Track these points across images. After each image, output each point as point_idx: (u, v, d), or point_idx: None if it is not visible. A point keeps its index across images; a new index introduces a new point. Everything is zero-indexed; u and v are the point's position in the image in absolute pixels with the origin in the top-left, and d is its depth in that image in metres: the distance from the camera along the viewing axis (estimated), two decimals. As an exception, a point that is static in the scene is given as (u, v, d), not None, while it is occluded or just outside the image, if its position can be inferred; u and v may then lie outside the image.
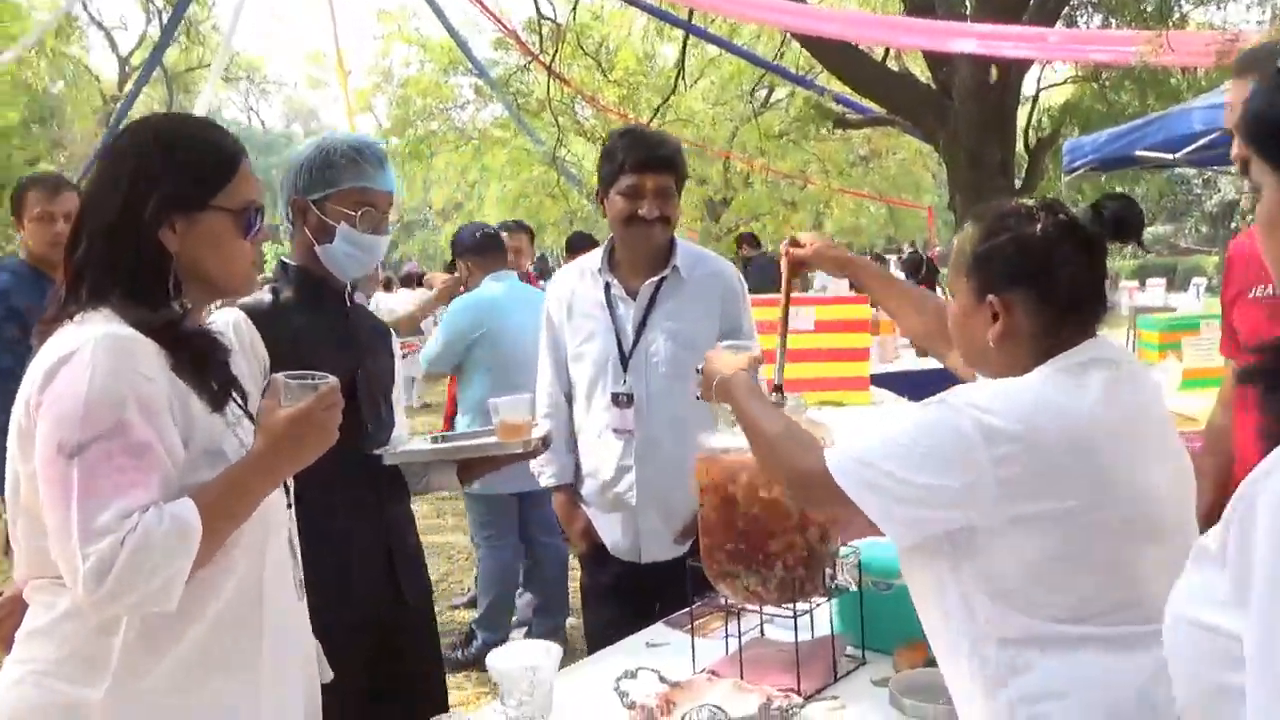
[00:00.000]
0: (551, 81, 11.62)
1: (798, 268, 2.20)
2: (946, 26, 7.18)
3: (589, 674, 2.12)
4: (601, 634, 2.53)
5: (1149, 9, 7.45)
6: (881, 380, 5.46)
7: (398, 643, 2.24)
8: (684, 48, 10.98)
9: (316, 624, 1.86)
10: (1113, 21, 7.97)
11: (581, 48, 12.37)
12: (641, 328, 2.75)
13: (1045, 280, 1.51)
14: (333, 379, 1.63)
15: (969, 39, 6.80)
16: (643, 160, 2.68)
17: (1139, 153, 5.04)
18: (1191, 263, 34.33)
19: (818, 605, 2.05)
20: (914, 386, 4.86)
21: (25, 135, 23.68)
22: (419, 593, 2.36)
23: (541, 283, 7.10)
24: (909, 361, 6.76)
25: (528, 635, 4.72)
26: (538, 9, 10.62)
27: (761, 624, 2.16)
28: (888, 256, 21.56)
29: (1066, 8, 8.38)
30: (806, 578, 1.91)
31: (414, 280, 14.55)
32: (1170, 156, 4.99)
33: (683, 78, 11.94)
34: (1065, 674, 1.40)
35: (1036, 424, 1.40)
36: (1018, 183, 8.78)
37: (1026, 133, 9.12)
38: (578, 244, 6.30)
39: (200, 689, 1.54)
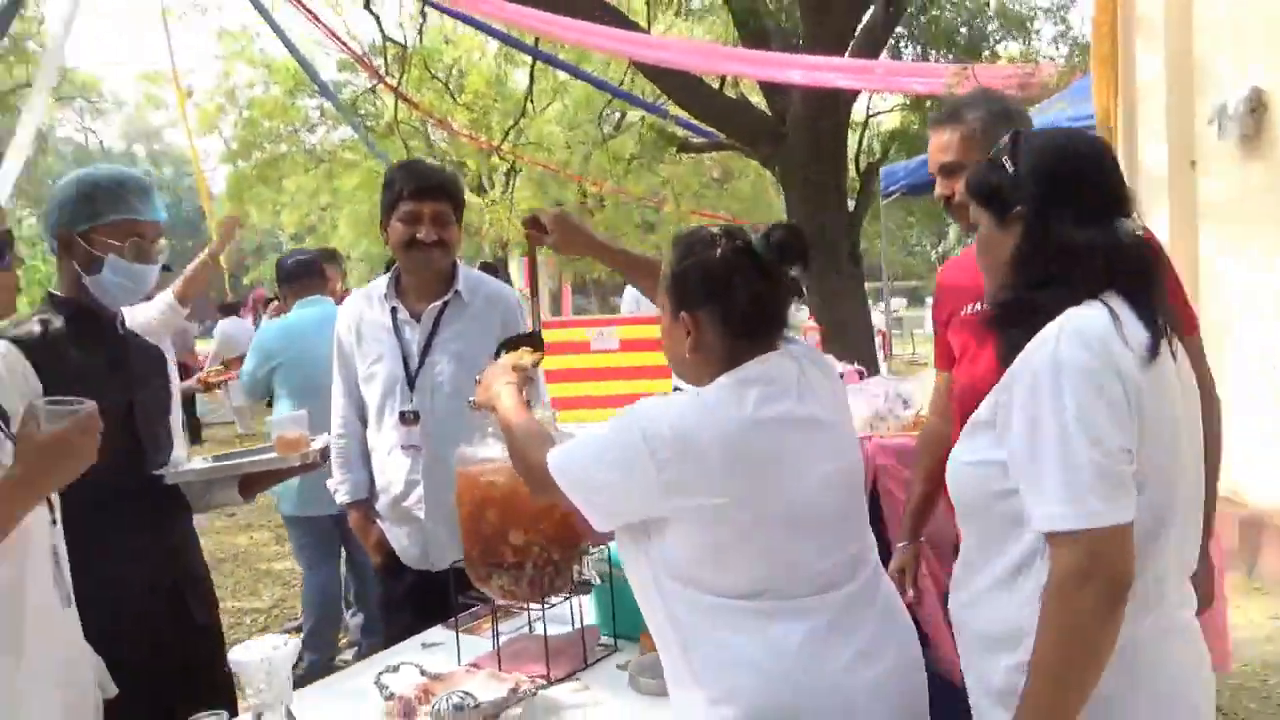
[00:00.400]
0: (399, 104, 11.57)
1: (538, 242, 2.39)
2: (777, 57, 7.50)
3: (360, 672, 2.25)
4: (401, 639, 2.60)
5: (961, 42, 7.93)
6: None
7: (186, 660, 2.25)
8: (532, 73, 11.08)
9: (100, 641, 1.93)
10: (930, 54, 8.46)
11: (429, 71, 12.37)
12: (426, 349, 2.87)
13: (725, 299, 1.69)
14: (90, 404, 1.69)
15: (796, 69, 7.12)
16: (419, 188, 2.81)
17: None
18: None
19: (563, 600, 2.22)
20: None
21: None
22: (205, 609, 2.38)
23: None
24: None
25: (357, 656, 4.70)
26: (382, 32, 10.57)
27: (530, 622, 2.28)
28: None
29: (890, 39, 8.83)
30: (555, 575, 2.09)
31: (263, 303, 14.18)
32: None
33: (531, 102, 12.06)
34: (733, 642, 1.62)
35: (690, 433, 1.59)
36: (851, 204, 9.17)
37: (858, 158, 9.55)
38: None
39: None
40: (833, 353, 7.43)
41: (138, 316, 3.14)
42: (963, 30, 8.29)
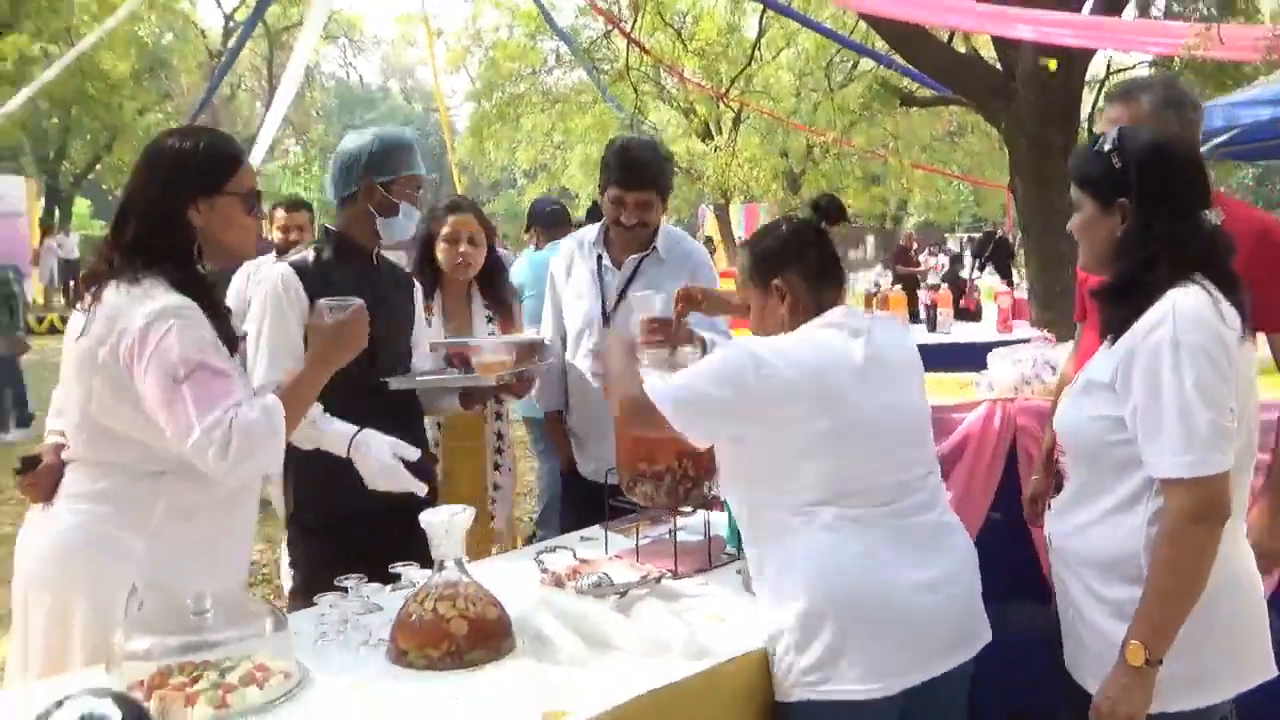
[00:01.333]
0: (631, 49, 11.91)
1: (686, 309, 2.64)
2: (1005, 11, 7.31)
3: (527, 554, 2.71)
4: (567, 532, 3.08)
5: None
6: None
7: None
8: (761, 21, 11.15)
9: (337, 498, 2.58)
10: (1179, 8, 7.99)
11: (662, 17, 12.62)
12: (621, 295, 3.28)
13: (802, 257, 2.12)
14: (359, 301, 2.33)
15: (1026, 24, 6.94)
16: (626, 178, 3.19)
17: (1165, 146, 5.21)
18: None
19: (693, 511, 2.62)
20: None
21: (135, 86, 24.79)
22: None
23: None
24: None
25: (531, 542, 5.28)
26: (619, -20, 10.89)
27: (670, 530, 2.54)
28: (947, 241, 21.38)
29: (1136, -6, 8.38)
30: (690, 488, 2.45)
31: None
32: (1193, 149, 5.15)
33: (759, 51, 12.13)
34: (801, 544, 1.96)
35: (789, 354, 1.97)
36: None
37: (1092, 118, 9.15)
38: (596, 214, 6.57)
39: (212, 544, 2.16)
40: (1039, 316, 7.34)
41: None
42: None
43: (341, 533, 2.60)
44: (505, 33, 20.23)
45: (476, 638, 1.82)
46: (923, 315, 8.26)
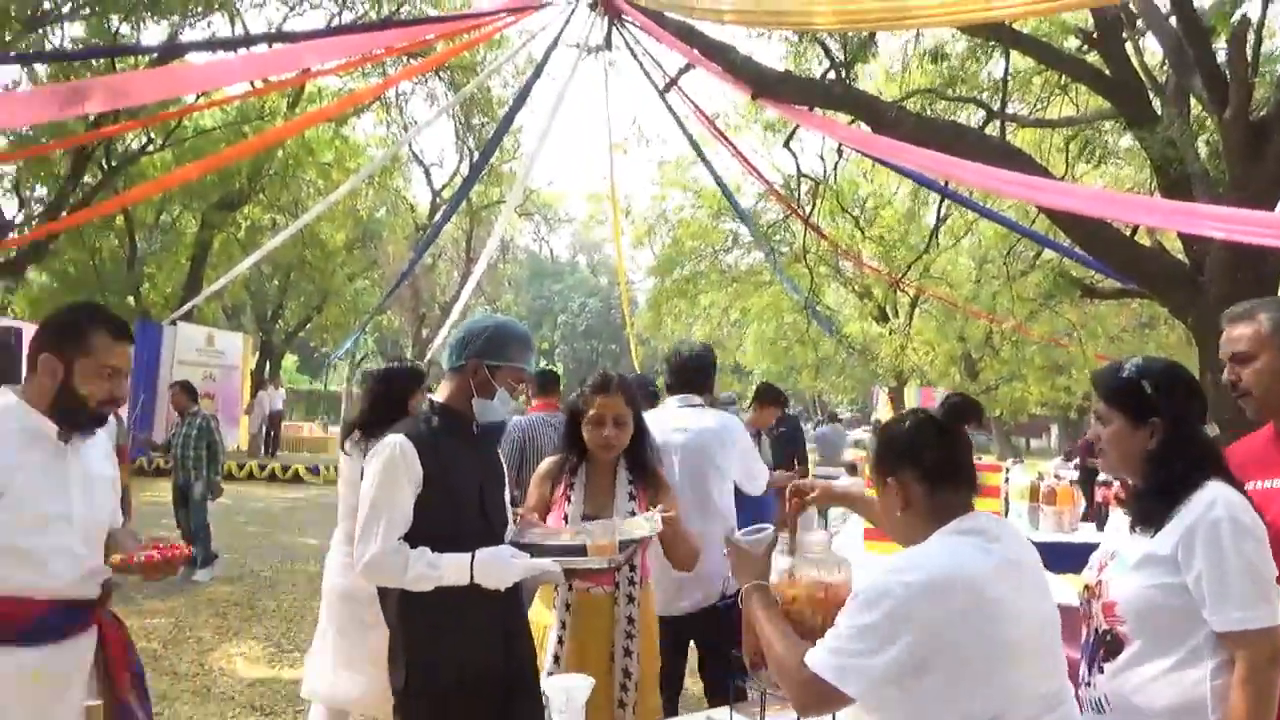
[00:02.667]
0: (807, 233, 12.23)
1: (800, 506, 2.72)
2: (1191, 208, 7.20)
3: None
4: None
5: None
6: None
7: (510, 684, 2.91)
8: (939, 210, 11.31)
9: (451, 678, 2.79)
10: (1384, 208, 7.68)
11: (840, 203, 12.94)
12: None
13: (916, 456, 2.12)
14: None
15: (1214, 222, 6.81)
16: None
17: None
18: None
19: None
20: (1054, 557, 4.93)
21: (347, 255, 26.98)
22: (527, 656, 3.03)
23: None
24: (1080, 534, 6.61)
25: None
26: (798, 167, 11.32)
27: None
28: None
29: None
30: None
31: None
32: None
33: (936, 238, 12.25)
34: None
35: (940, 577, 1.94)
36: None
37: (1291, 313, 8.75)
38: (546, 384, 6.43)
39: None
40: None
41: None
42: None
43: (454, 699, 2.76)
44: (689, 212, 21.16)
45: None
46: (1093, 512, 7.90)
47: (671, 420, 4.22)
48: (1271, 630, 2.12)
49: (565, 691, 1.86)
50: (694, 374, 4.46)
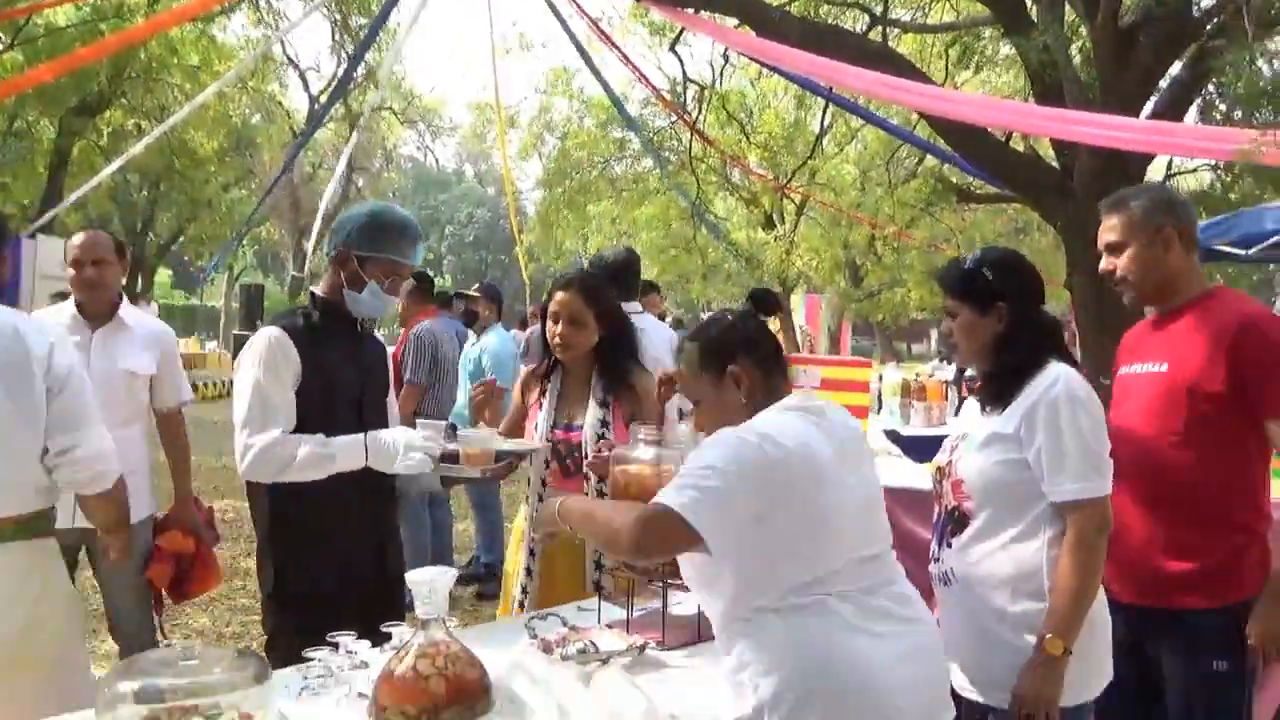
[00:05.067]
0: (694, 140, 12.16)
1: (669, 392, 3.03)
2: (1064, 114, 7.35)
3: (520, 620, 2.74)
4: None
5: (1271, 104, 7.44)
6: (901, 440, 5.69)
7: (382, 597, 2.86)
8: (824, 116, 11.33)
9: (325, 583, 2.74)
10: (1238, 114, 7.95)
11: (727, 110, 12.87)
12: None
13: (752, 345, 2.20)
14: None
15: (1086, 128, 6.97)
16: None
17: (1217, 246, 5.14)
18: None
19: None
20: (920, 449, 5.11)
21: (220, 164, 25.82)
22: (398, 562, 3.00)
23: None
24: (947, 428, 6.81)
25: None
26: (684, 73, 11.18)
27: (664, 603, 2.55)
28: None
29: (1200, 99, 8.40)
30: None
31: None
32: (1243, 252, 5.08)
33: (822, 145, 12.29)
34: (777, 632, 1.95)
35: (785, 443, 2.00)
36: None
37: (1151, 218, 9.09)
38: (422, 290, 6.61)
39: None
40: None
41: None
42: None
43: (326, 603, 2.66)
44: (576, 122, 20.80)
45: (454, 697, 1.81)
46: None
47: None
48: (1101, 500, 2.32)
49: (428, 583, 1.82)
50: (625, 278, 4.39)
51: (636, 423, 2.57)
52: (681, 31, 10.55)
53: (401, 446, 2.74)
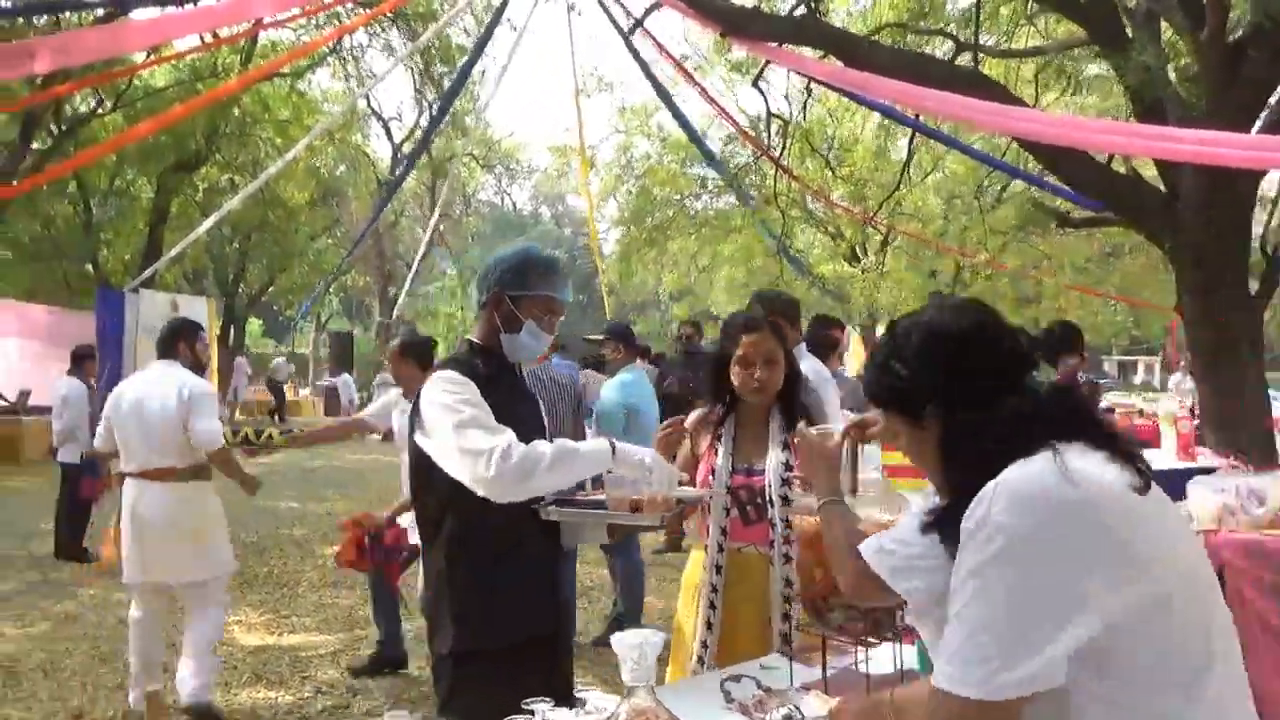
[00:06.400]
0: (778, 175, 12.11)
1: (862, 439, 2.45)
2: (1167, 133, 7.17)
3: (708, 679, 2.57)
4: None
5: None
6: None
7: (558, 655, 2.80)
8: (910, 145, 11.22)
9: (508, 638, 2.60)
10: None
11: (810, 144, 12.81)
12: None
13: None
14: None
15: (1189, 145, 6.79)
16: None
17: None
18: None
19: (885, 641, 2.36)
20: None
21: (309, 214, 26.54)
22: (572, 622, 2.87)
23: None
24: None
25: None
26: (767, 108, 11.17)
27: (855, 660, 2.42)
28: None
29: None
30: (882, 617, 2.30)
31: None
32: None
33: (909, 173, 12.16)
34: None
35: None
36: (1254, 285, 8.49)
37: (1264, 237, 8.80)
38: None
39: None
40: (1216, 443, 6.90)
41: None
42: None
43: (508, 660, 2.57)
44: (655, 159, 20.90)
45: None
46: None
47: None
48: (970, 705, 1.37)
49: (638, 648, 1.72)
50: (794, 316, 4.71)
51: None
52: (765, 65, 10.55)
53: (649, 458, 2.67)
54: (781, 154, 12.16)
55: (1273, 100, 7.41)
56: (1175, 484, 5.07)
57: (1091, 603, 1.32)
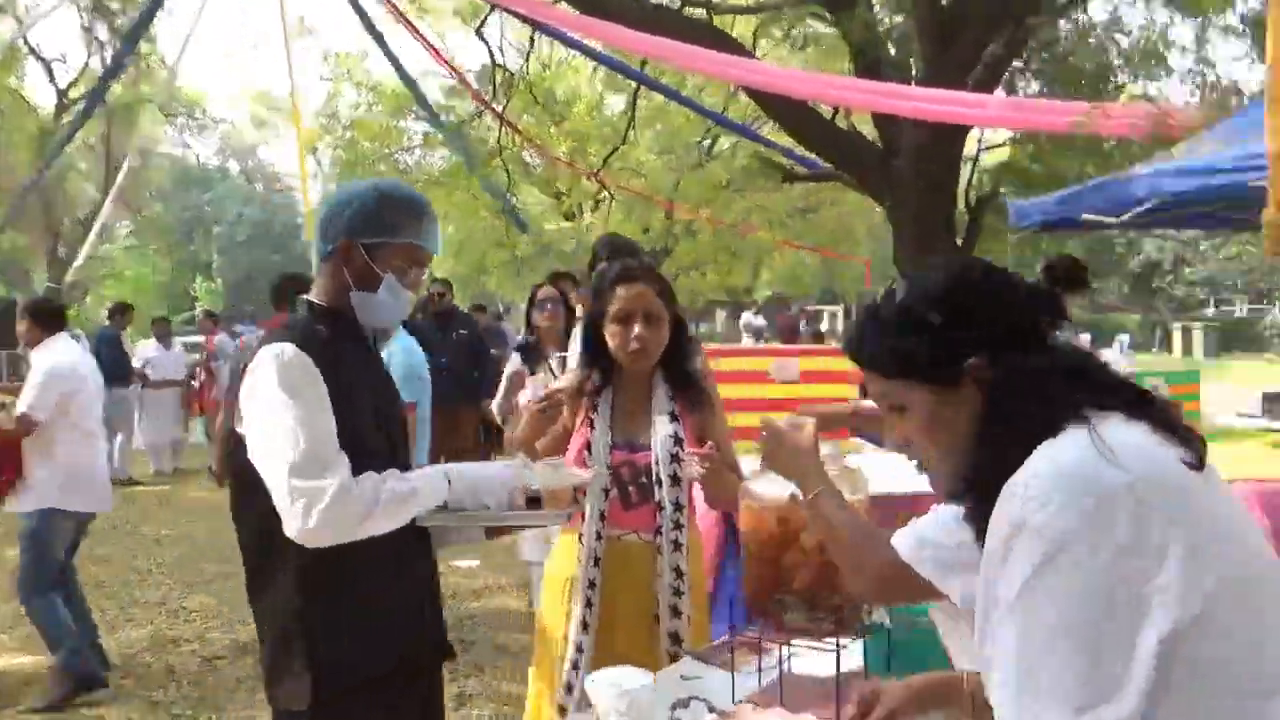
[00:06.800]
0: (503, 130, 11.75)
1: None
2: (894, 89, 7.47)
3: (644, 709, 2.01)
4: None
5: (1084, 81, 7.80)
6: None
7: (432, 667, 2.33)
8: (634, 99, 11.18)
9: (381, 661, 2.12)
10: (1045, 89, 8.34)
11: (534, 97, 12.52)
12: None
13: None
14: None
15: (916, 102, 7.08)
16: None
17: (1085, 215, 5.29)
18: (1115, 320, 35.66)
19: (852, 641, 2.07)
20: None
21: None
22: (439, 630, 2.35)
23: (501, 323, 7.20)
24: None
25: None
26: (492, 58, 10.76)
27: (782, 660, 2.12)
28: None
29: (1006, 74, 8.73)
30: (846, 612, 2.00)
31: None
32: (1114, 219, 5.27)
33: (633, 128, 12.15)
34: None
35: None
36: (959, 239, 9.07)
37: (967, 192, 9.46)
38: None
39: None
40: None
41: None
42: (1087, 66, 8.18)
43: (382, 685, 2.10)
44: (364, 111, 19.78)
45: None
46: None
47: None
48: None
49: (627, 697, 1.38)
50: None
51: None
52: (491, 11, 10.13)
53: (497, 483, 2.18)
54: (505, 107, 11.79)
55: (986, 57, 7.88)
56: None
57: (1161, 608, 1.08)
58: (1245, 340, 33.86)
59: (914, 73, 8.47)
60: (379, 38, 10.78)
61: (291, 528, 1.94)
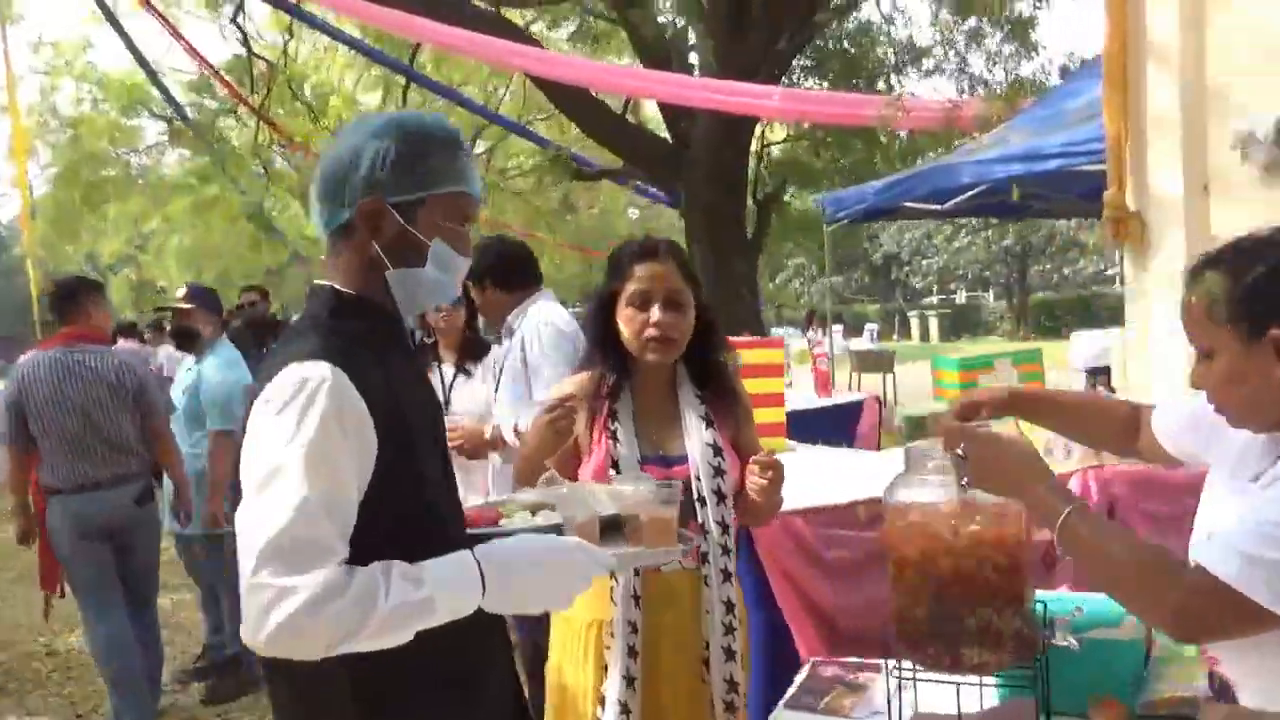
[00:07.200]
0: (261, 127, 10.96)
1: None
2: (700, 82, 7.44)
3: None
4: None
5: (860, 79, 8.07)
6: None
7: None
8: (405, 93, 10.70)
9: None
10: (823, 85, 8.57)
11: (292, 90, 11.76)
12: None
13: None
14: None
15: (718, 94, 7.06)
16: None
17: (907, 204, 5.38)
18: (857, 309, 37.90)
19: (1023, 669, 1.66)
20: (808, 428, 4.68)
21: None
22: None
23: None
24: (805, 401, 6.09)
25: None
26: (248, 48, 9.97)
27: (888, 696, 1.71)
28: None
29: (788, 71, 8.92)
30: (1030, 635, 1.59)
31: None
32: (937, 207, 5.39)
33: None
34: None
35: None
36: (749, 232, 9.19)
37: (755, 187, 9.61)
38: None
39: None
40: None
41: None
42: (862, 61, 8.46)
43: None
44: (89, 106, 17.86)
45: None
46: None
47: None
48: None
49: None
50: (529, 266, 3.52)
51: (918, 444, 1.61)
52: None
53: (577, 552, 1.53)
54: (263, 103, 11.00)
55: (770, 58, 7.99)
56: (816, 421, 4.95)
57: None
58: (972, 325, 36.77)
59: (698, 72, 8.51)
60: (118, 24, 9.80)
61: (244, 631, 1.32)
